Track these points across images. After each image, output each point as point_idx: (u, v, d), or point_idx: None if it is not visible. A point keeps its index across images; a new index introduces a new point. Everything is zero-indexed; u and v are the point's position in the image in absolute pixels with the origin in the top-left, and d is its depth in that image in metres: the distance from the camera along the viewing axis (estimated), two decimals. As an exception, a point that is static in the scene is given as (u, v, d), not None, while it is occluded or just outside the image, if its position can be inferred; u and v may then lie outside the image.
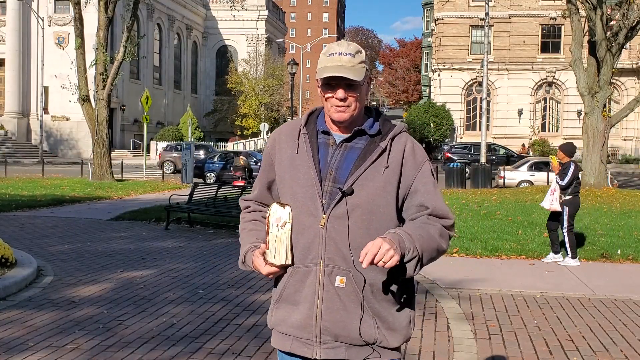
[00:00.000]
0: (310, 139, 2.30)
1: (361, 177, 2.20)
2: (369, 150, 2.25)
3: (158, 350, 5.18)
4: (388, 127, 2.32)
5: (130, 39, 24.38)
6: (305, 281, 2.22)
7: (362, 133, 2.29)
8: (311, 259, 2.21)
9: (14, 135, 47.15)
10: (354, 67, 2.21)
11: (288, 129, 2.38)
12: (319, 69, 2.24)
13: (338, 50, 2.23)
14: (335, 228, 2.18)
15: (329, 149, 2.29)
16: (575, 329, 6.02)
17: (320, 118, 2.37)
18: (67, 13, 45.50)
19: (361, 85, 2.24)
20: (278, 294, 2.31)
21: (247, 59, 62.44)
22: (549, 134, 47.72)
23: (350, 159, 2.25)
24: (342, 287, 2.18)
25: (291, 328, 2.26)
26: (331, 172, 2.23)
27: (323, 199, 2.21)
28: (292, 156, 2.30)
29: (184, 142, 26.95)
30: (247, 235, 2.43)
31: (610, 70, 22.29)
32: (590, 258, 9.47)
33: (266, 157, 2.42)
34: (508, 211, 14.88)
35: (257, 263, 2.28)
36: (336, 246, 2.18)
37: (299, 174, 2.26)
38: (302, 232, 2.22)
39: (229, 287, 7.42)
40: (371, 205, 2.20)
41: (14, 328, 5.70)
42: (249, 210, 2.50)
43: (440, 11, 47.74)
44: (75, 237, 10.92)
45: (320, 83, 2.27)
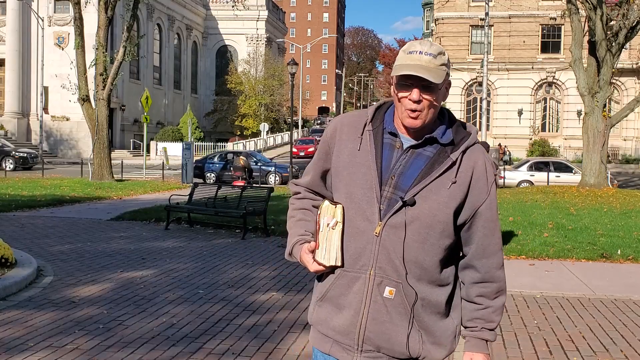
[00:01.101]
0: (375, 137, 2.15)
1: (425, 189, 2.07)
2: (437, 160, 2.11)
3: (158, 350, 5.18)
4: (461, 137, 2.17)
5: (130, 39, 24.39)
6: (353, 286, 2.13)
7: (433, 141, 2.14)
8: (361, 265, 2.12)
9: (14, 135, 47.13)
10: (434, 68, 2.05)
11: (352, 120, 2.23)
12: (396, 66, 2.09)
13: (420, 49, 2.08)
14: (390, 238, 2.08)
15: (394, 151, 2.14)
16: (575, 329, 6.02)
17: (388, 115, 2.21)
18: (67, 13, 45.50)
19: (439, 89, 2.09)
20: (322, 293, 2.21)
21: (247, 59, 62.48)
22: (549, 134, 47.72)
23: (416, 167, 2.11)
24: (391, 298, 2.10)
25: (332, 331, 2.18)
26: (393, 177, 2.10)
27: (381, 204, 2.09)
28: (352, 152, 2.15)
29: (184, 142, 26.92)
30: (296, 226, 2.30)
31: (610, 70, 22.29)
32: (590, 258, 9.47)
33: (324, 145, 2.27)
34: (508, 211, 14.88)
35: (305, 259, 2.19)
36: (389, 256, 2.08)
37: (358, 173, 2.13)
38: (354, 236, 2.12)
39: (229, 287, 7.42)
40: (431, 220, 2.08)
41: (14, 328, 5.70)
42: (299, 196, 2.36)
43: (440, 11, 47.74)
44: (75, 237, 10.92)
45: (395, 81, 2.12)
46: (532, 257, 9.51)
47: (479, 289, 2.22)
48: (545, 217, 13.91)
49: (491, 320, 2.22)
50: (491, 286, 2.22)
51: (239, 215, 11.61)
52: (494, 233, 2.20)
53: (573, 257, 9.51)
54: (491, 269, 2.21)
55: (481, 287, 2.22)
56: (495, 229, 2.20)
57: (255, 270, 8.43)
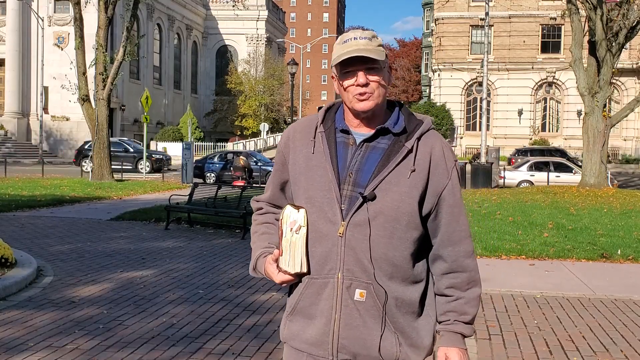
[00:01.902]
0: (328, 138, 2.10)
1: (384, 181, 2.02)
2: (393, 150, 2.05)
3: (158, 350, 5.18)
4: (414, 124, 2.11)
5: (130, 39, 24.39)
6: (322, 293, 2.05)
7: (385, 132, 2.09)
8: (329, 270, 2.03)
9: (14, 135, 47.16)
10: (373, 49, 2.01)
11: (303, 125, 2.19)
12: (334, 58, 2.04)
13: (353, 35, 2.04)
14: (355, 237, 2.00)
15: (349, 149, 2.09)
16: (575, 329, 6.02)
17: (338, 114, 2.16)
18: (67, 13, 45.50)
19: (383, 67, 2.04)
20: (292, 306, 2.14)
21: (247, 59, 62.47)
22: (549, 134, 47.75)
23: (372, 161, 2.06)
24: (362, 301, 2.01)
25: (305, 344, 2.09)
26: (351, 174, 2.05)
27: (342, 204, 2.02)
28: (307, 156, 2.11)
29: (184, 142, 26.92)
30: (259, 240, 2.25)
31: (610, 70, 22.29)
32: (590, 258, 9.46)
33: (279, 156, 2.23)
34: (508, 211, 14.88)
35: (270, 270, 2.12)
36: (356, 257, 2.01)
37: (315, 176, 2.07)
38: (319, 240, 2.05)
39: (229, 287, 7.43)
40: (395, 213, 2.01)
41: (14, 328, 5.70)
42: (261, 212, 2.31)
43: (440, 11, 47.76)
44: (75, 237, 10.92)
45: (337, 73, 2.07)
46: (532, 257, 9.51)
47: (449, 280, 2.13)
48: (545, 217, 13.91)
49: (464, 312, 2.12)
50: (461, 276, 2.12)
51: (239, 215, 11.61)
52: (458, 219, 2.12)
53: (573, 257, 9.50)
54: (459, 257, 2.12)
55: (451, 278, 2.13)
56: (459, 214, 2.12)
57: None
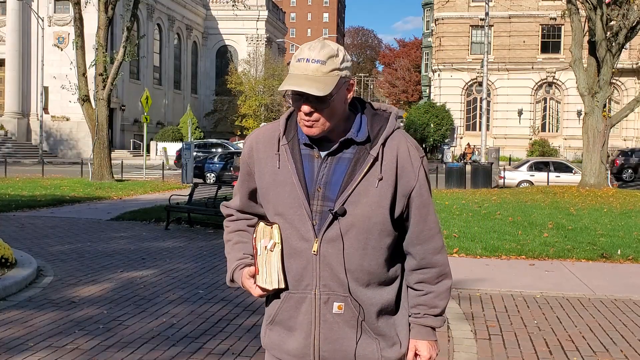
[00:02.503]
0: (292, 151, 2.06)
1: (354, 193, 1.99)
2: (359, 160, 2.03)
3: (158, 350, 5.18)
4: (378, 127, 2.08)
5: (130, 39, 24.39)
6: (300, 308, 2.06)
7: (349, 143, 2.05)
8: (305, 286, 2.04)
9: (14, 135, 47.17)
10: (321, 77, 1.94)
11: (265, 136, 2.14)
12: (285, 79, 2.00)
13: (307, 55, 1.97)
14: (330, 252, 2.00)
15: (314, 162, 2.05)
16: (575, 329, 6.02)
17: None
18: (67, 13, 45.51)
19: (330, 98, 1.97)
20: (271, 316, 2.15)
21: (247, 59, 62.48)
22: (549, 134, 47.74)
23: (339, 173, 2.03)
24: (341, 313, 2.03)
25: (287, 355, 2.12)
26: (319, 189, 2.02)
27: (313, 220, 2.01)
28: (273, 170, 2.07)
29: (184, 142, 26.93)
30: (233, 250, 2.25)
31: (610, 70, 22.29)
32: (590, 258, 9.46)
33: (244, 166, 2.19)
34: (508, 211, 14.88)
35: (247, 285, 2.14)
36: (332, 272, 2.01)
37: (283, 192, 2.04)
38: (293, 257, 2.04)
39: (229, 287, 7.41)
40: (367, 224, 2.01)
41: (14, 328, 5.70)
42: (232, 219, 2.30)
43: (440, 11, 47.76)
44: (75, 237, 10.92)
45: (288, 93, 2.04)
46: (532, 257, 9.51)
47: (418, 276, 2.16)
48: (545, 217, 13.92)
49: (434, 305, 2.16)
50: (430, 272, 2.16)
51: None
52: (426, 219, 2.13)
53: (573, 257, 9.51)
54: (427, 254, 2.14)
55: (420, 274, 2.16)
56: (427, 214, 2.13)
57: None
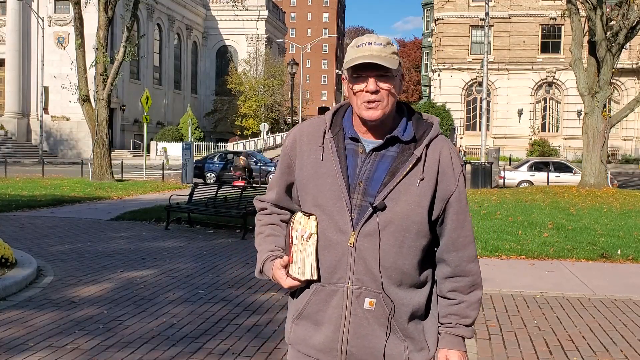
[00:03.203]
0: (337, 145, 2.09)
1: (394, 190, 2.02)
2: (402, 159, 2.05)
3: (158, 350, 5.18)
4: (423, 130, 2.11)
5: (130, 39, 24.39)
6: (330, 301, 2.05)
7: (394, 141, 2.09)
8: (338, 279, 2.04)
9: (14, 135, 47.18)
10: (386, 56, 2.00)
11: (311, 129, 2.16)
12: (347, 61, 2.04)
13: (367, 40, 2.04)
14: (366, 247, 2.01)
15: (358, 157, 2.08)
16: (575, 329, 6.02)
17: (346, 120, 2.14)
18: (67, 13, 45.52)
19: (395, 76, 2.04)
20: (298, 310, 2.13)
21: (247, 59, 62.52)
22: (549, 134, 47.74)
23: (381, 169, 2.05)
24: (372, 309, 2.03)
25: (313, 350, 2.10)
26: (361, 183, 2.04)
27: (352, 213, 2.02)
28: (316, 162, 2.09)
29: (185, 143, 26.91)
30: (264, 242, 2.24)
31: (610, 70, 22.29)
32: (590, 258, 9.46)
33: (285, 158, 2.20)
34: (508, 211, 14.88)
35: (278, 275, 2.12)
36: (366, 266, 2.02)
37: (324, 184, 2.06)
38: (328, 249, 2.05)
39: (229, 287, 7.42)
40: (405, 222, 2.02)
41: (14, 328, 5.70)
42: (265, 212, 2.29)
43: (440, 11, 47.76)
44: (75, 237, 10.92)
45: (348, 77, 2.07)
46: (532, 257, 9.51)
47: (451, 284, 2.16)
48: (545, 217, 13.91)
49: (466, 315, 2.15)
50: (463, 280, 2.15)
51: (239, 215, 11.61)
52: (463, 225, 2.14)
53: (573, 257, 9.50)
54: (462, 262, 2.14)
55: (453, 282, 2.15)
56: (465, 221, 2.14)
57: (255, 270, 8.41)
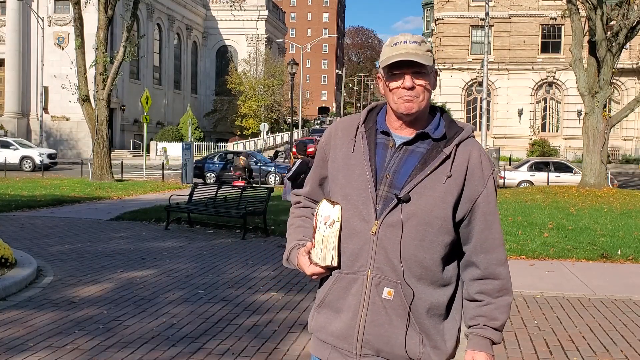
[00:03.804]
0: (369, 138, 2.15)
1: (420, 185, 2.05)
2: (431, 155, 2.09)
3: (158, 350, 5.18)
4: (454, 131, 2.15)
5: (130, 39, 24.39)
6: (351, 289, 2.09)
7: (425, 137, 2.13)
8: (359, 267, 2.08)
9: (13, 135, 47.09)
10: (421, 54, 2.07)
11: (345, 124, 2.23)
12: (383, 60, 2.10)
13: (403, 39, 2.10)
14: (388, 237, 2.05)
15: (388, 150, 2.13)
16: (575, 329, 6.02)
17: (380, 116, 2.21)
18: (67, 13, 45.48)
19: (429, 73, 2.10)
20: (321, 298, 2.19)
21: (247, 59, 62.48)
22: (549, 134, 47.71)
23: (410, 164, 2.10)
24: (390, 299, 2.05)
25: (331, 337, 2.14)
26: (388, 175, 2.09)
27: (377, 204, 2.07)
28: (347, 154, 2.16)
29: (184, 143, 26.91)
30: (294, 232, 2.30)
31: (611, 70, 22.28)
32: (590, 258, 9.46)
33: (320, 152, 2.28)
34: (508, 211, 14.88)
35: (302, 262, 2.17)
36: (387, 256, 2.05)
37: (353, 174, 2.12)
38: (351, 237, 2.09)
39: (229, 287, 7.42)
40: (428, 216, 2.05)
41: (14, 328, 5.70)
42: (299, 205, 2.36)
43: (440, 11, 47.74)
44: (75, 237, 10.92)
45: (384, 75, 2.13)
46: (532, 257, 9.51)
47: (480, 286, 2.16)
48: (545, 217, 13.91)
49: (494, 317, 2.14)
50: (492, 283, 2.15)
51: (239, 215, 11.61)
52: (492, 227, 2.14)
53: (573, 257, 9.50)
54: (491, 264, 2.14)
55: (482, 284, 2.16)
56: (493, 222, 2.15)
57: (255, 270, 8.43)
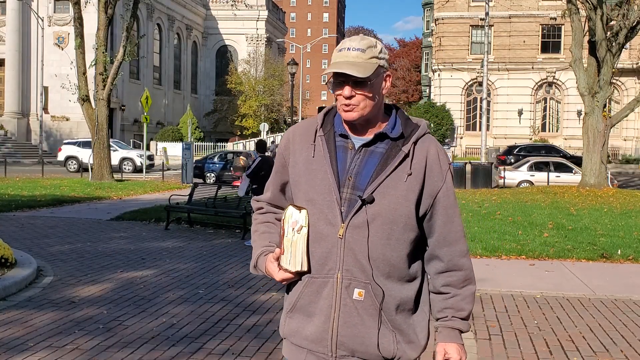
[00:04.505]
0: (328, 142, 2.18)
1: (382, 185, 2.09)
2: (390, 155, 2.14)
3: (158, 350, 5.18)
4: (411, 129, 2.20)
5: (130, 39, 24.38)
6: (322, 292, 2.12)
7: (383, 137, 2.17)
8: (328, 270, 2.11)
9: (13, 135, 47.14)
10: (361, 62, 2.08)
11: (303, 129, 2.26)
12: (329, 67, 2.14)
13: (348, 45, 2.13)
14: (355, 238, 2.09)
15: (348, 153, 2.17)
16: (575, 329, 6.02)
17: (337, 118, 2.23)
18: (67, 13, 45.49)
19: (370, 81, 2.10)
20: (292, 303, 2.21)
21: (247, 59, 62.46)
22: (549, 134, 47.72)
23: (370, 165, 2.14)
24: (361, 300, 2.09)
25: (305, 340, 2.17)
26: (350, 178, 2.12)
27: (342, 206, 2.10)
28: (308, 159, 2.18)
29: (184, 143, 26.88)
30: (260, 238, 2.32)
31: (611, 70, 22.27)
32: (590, 258, 9.46)
33: (279, 158, 2.30)
34: (508, 211, 14.88)
35: (271, 268, 2.19)
36: (355, 257, 2.09)
37: (315, 179, 2.14)
38: (319, 241, 2.12)
39: (229, 287, 7.43)
40: (393, 215, 2.10)
41: (14, 328, 5.70)
42: (261, 211, 2.39)
43: (440, 11, 47.74)
44: (75, 237, 10.92)
45: (330, 80, 2.17)
46: (532, 257, 9.51)
47: (445, 279, 2.22)
48: (545, 217, 13.91)
49: (461, 308, 2.21)
50: (457, 274, 2.21)
51: (239, 215, 11.61)
52: (453, 220, 2.21)
53: (573, 257, 9.51)
54: (454, 256, 2.21)
55: (447, 277, 2.22)
56: (454, 215, 2.21)
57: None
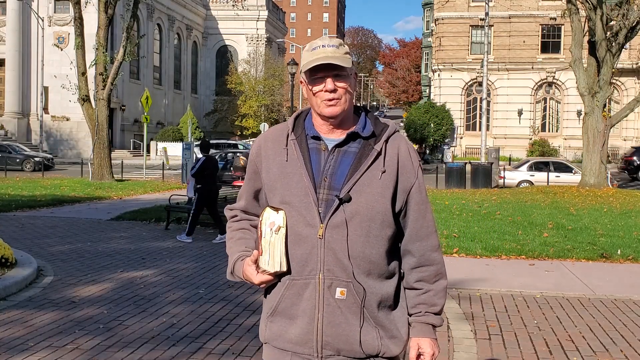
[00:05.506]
0: (300, 145, 2.19)
1: (358, 183, 2.12)
2: (364, 154, 2.16)
3: (158, 350, 5.18)
4: (381, 128, 2.23)
5: (130, 39, 24.38)
6: (303, 294, 2.13)
7: (355, 136, 2.19)
8: (309, 271, 2.12)
9: (14, 135, 47.11)
10: (340, 56, 2.12)
11: (274, 134, 2.26)
12: (304, 64, 2.15)
13: (321, 43, 2.16)
14: (334, 237, 2.10)
15: (321, 154, 2.18)
16: (575, 329, 6.02)
17: (307, 121, 2.25)
18: (67, 13, 45.50)
19: (350, 74, 2.16)
20: (272, 307, 2.20)
21: (247, 59, 62.49)
22: (549, 134, 47.71)
23: (345, 164, 2.15)
24: (343, 299, 2.11)
25: (289, 343, 2.16)
26: (325, 179, 2.13)
27: (319, 207, 2.11)
28: (281, 164, 2.18)
29: (184, 143, 26.87)
30: (235, 244, 2.31)
31: (610, 70, 22.28)
32: (590, 258, 9.46)
33: (251, 165, 2.30)
34: (508, 211, 14.88)
35: (249, 272, 2.18)
36: (335, 257, 2.10)
37: (291, 182, 2.15)
38: (298, 243, 2.12)
39: (229, 287, 7.43)
40: (370, 212, 2.12)
41: (14, 328, 5.70)
42: (236, 219, 2.39)
43: (440, 11, 47.74)
44: (75, 237, 10.92)
45: (306, 80, 2.18)
46: (532, 257, 9.51)
47: (418, 274, 2.26)
48: (545, 217, 13.91)
49: (434, 303, 2.25)
50: (429, 269, 2.26)
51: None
52: (425, 215, 2.25)
53: (573, 257, 9.51)
54: (426, 251, 2.25)
55: (419, 272, 2.25)
56: (426, 211, 2.25)
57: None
